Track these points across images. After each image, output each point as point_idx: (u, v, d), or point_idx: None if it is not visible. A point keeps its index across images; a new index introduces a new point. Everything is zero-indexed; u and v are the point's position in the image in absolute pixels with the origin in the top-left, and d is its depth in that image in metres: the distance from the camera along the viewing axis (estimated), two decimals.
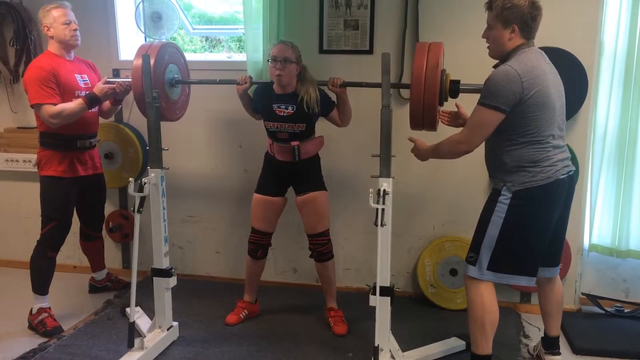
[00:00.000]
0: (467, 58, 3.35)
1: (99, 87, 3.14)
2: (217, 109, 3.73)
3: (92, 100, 3.11)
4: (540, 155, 2.38)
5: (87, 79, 3.27)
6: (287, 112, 3.05)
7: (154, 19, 3.61)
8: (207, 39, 4.31)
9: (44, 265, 3.21)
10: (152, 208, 2.94)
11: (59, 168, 3.18)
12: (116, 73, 3.80)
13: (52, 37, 3.14)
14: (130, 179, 2.78)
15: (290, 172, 3.16)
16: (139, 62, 2.88)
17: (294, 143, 3.08)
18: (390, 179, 2.64)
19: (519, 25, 2.37)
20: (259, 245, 3.23)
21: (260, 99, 3.15)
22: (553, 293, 2.76)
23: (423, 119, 2.60)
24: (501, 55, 2.45)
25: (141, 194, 2.77)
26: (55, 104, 3.03)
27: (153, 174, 2.89)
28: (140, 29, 3.69)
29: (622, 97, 3.25)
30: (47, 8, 3.13)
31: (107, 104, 3.33)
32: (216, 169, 3.82)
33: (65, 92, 3.11)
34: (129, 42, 3.89)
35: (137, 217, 2.77)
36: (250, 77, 3.11)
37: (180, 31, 4.18)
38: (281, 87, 3.04)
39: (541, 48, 3.16)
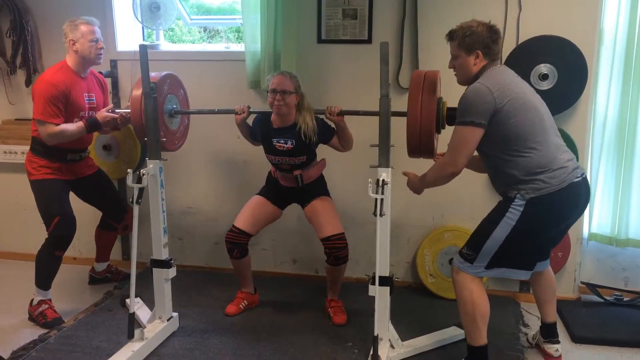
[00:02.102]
0: None
1: (102, 115, 3.16)
2: (215, 101, 3.72)
3: (93, 125, 3.15)
4: (547, 158, 2.37)
5: (93, 98, 3.28)
6: (286, 146, 3.05)
7: (151, 9, 3.60)
8: (205, 30, 4.29)
9: (50, 263, 3.20)
10: (151, 199, 2.93)
11: (49, 172, 3.20)
12: (114, 64, 3.78)
13: (75, 52, 3.13)
14: (128, 170, 2.78)
15: (294, 192, 3.20)
16: (138, 92, 2.89)
17: (297, 172, 3.11)
18: (389, 169, 2.63)
19: (482, 50, 2.44)
20: (234, 244, 3.17)
21: (260, 130, 3.15)
22: (545, 280, 2.77)
23: (420, 147, 2.60)
24: (469, 80, 2.50)
25: (140, 185, 2.76)
26: (58, 124, 3.05)
27: (151, 165, 2.88)
28: (137, 19, 3.67)
29: (621, 86, 3.24)
30: (76, 22, 3.12)
31: (106, 129, 3.35)
32: (215, 161, 3.82)
33: (71, 111, 3.14)
34: (127, 33, 3.87)
35: (136, 209, 2.77)
36: (248, 107, 3.09)
37: (178, 22, 4.16)
38: (280, 118, 3.03)
39: (541, 37, 3.19)
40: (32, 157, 3.21)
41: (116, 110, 3.23)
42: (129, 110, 2.99)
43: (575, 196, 2.43)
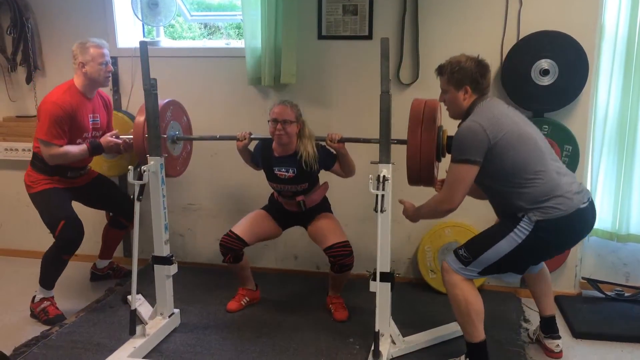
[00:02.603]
0: (468, 44, 3.33)
1: (106, 140, 3.20)
2: (216, 97, 3.72)
3: (96, 149, 3.18)
4: (549, 186, 2.37)
5: (98, 118, 3.29)
6: (288, 175, 3.06)
7: (150, 6, 3.59)
8: (205, 26, 4.28)
9: (56, 265, 3.20)
10: (152, 196, 2.94)
11: (47, 184, 3.21)
12: (114, 61, 3.77)
13: (84, 74, 3.14)
14: (129, 167, 2.78)
15: (298, 216, 3.22)
16: (141, 119, 2.91)
17: (299, 198, 3.12)
18: (390, 165, 2.63)
19: (470, 85, 2.47)
20: (228, 249, 3.13)
21: (261, 158, 3.16)
22: (542, 276, 2.79)
23: (420, 176, 2.62)
24: (461, 114, 2.53)
25: (141, 182, 2.77)
26: (61, 146, 3.08)
27: (152, 162, 2.89)
28: (137, 17, 3.67)
29: (622, 81, 3.24)
30: (86, 45, 3.13)
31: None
32: (215, 156, 3.82)
33: (75, 133, 3.15)
34: (127, 30, 3.86)
35: (137, 205, 2.77)
36: (250, 133, 3.09)
37: (179, 18, 4.15)
38: (281, 147, 3.04)
39: (542, 32, 3.19)
40: (32, 172, 3.23)
41: (120, 137, 3.26)
42: (132, 137, 3.02)
43: (583, 222, 2.46)
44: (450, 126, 2.69)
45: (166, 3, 3.60)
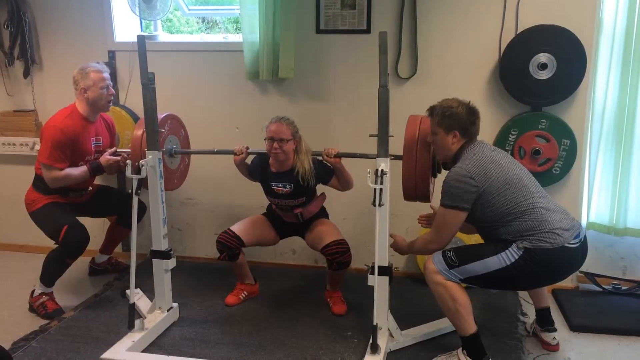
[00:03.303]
0: (466, 39, 3.34)
1: (105, 159, 3.20)
2: (214, 91, 3.71)
3: (96, 170, 3.20)
4: (537, 222, 2.40)
5: (100, 141, 3.30)
6: (285, 190, 3.07)
7: (146, 0, 3.58)
8: (203, 20, 4.27)
9: (58, 266, 3.20)
10: (150, 190, 2.94)
11: (48, 200, 3.21)
12: (111, 55, 3.77)
13: (86, 99, 3.14)
14: (127, 161, 2.78)
15: (296, 226, 3.24)
16: (139, 132, 2.92)
17: (297, 211, 3.14)
18: (388, 159, 2.64)
19: (459, 130, 2.52)
20: (225, 246, 3.13)
21: (258, 173, 3.17)
22: None
23: (416, 191, 2.66)
24: (448, 157, 2.58)
25: (139, 176, 2.77)
26: (62, 169, 3.09)
27: (150, 156, 2.88)
28: (134, 13, 3.66)
29: (620, 75, 3.24)
30: (86, 70, 3.13)
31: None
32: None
33: (77, 156, 3.17)
34: (125, 24, 3.85)
35: (135, 200, 2.77)
36: (247, 148, 3.08)
37: (176, 12, 4.15)
38: (278, 163, 3.04)
39: (540, 26, 3.18)
40: (32, 192, 3.25)
41: (117, 151, 3.27)
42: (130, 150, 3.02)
43: (569, 260, 2.48)
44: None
45: None
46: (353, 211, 3.63)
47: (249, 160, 3.19)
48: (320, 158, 3.02)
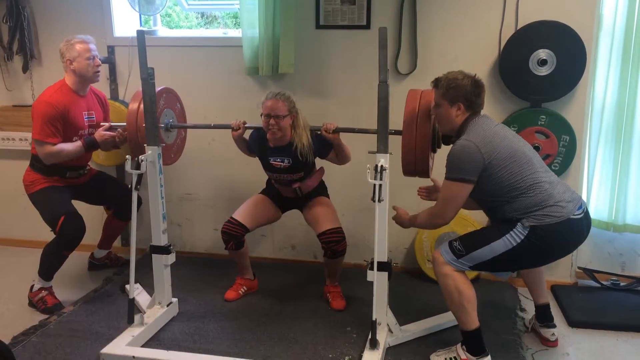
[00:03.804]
0: (466, 35, 3.33)
1: (100, 134, 3.17)
2: (213, 88, 3.71)
3: (91, 145, 3.16)
4: (541, 197, 2.40)
5: (93, 116, 3.28)
6: (283, 165, 3.06)
7: None
8: (202, 15, 4.27)
9: (55, 259, 3.21)
10: (150, 186, 2.93)
11: (46, 184, 3.21)
12: (111, 50, 3.76)
13: (73, 71, 3.13)
14: (127, 156, 2.78)
15: (295, 201, 3.23)
16: (135, 105, 2.90)
17: (295, 185, 3.13)
18: (388, 155, 2.63)
19: (464, 103, 2.48)
20: (231, 235, 3.14)
21: (256, 147, 3.16)
22: None
23: (415, 166, 2.63)
24: (452, 130, 2.55)
25: (138, 172, 2.77)
26: (55, 144, 3.06)
27: (150, 152, 2.88)
28: (134, 9, 3.66)
29: (620, 71, 3.24)
30: (71, 42, 3.11)
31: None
32: (213, 144, 3.81)
33: (70, 130, 3.14)
34: (124, 18, 3.84)
35: (134, 195, 2.77)
36: (244, 123, 3.07)
37: (176, 7, 4.14)
38: (275, 140, 3.03)
39: (540, 22, 3.18)
40: (30, 173, 3.23)
41: (112, 124, 3.25)
42: (124, 124, 3.01)
43: (575, 232, 2.48)
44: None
45: None
46: (352, 207, 3.63)
47: (246, 136, 3.18)
48: (318, 132, 3.01)
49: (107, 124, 3.29)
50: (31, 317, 3.12)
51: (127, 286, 2.81)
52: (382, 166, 2.56)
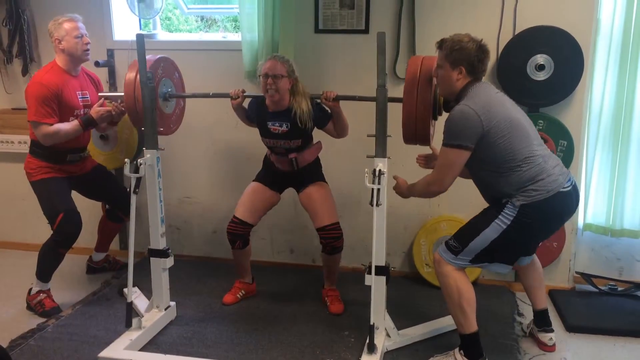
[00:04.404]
0: None
1: (96, 110, 3.16)
2: (212, 91, 3.71)
3: (88, 123, 3.14)
4: (535, 171, 2.39)
5: (87, 95, 3.26)
6: (281, 129, 3.04)
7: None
8: (202, 19, 4.27)
9: (52, 258, 3.21)
10: (148, 189, 2.94)
11: (48, 172, 3.19)
12: (110, 53, 3.77)
13: (62, 50, 3.12)
14: (126, 160, 2.78)
15: (290, 176, 3.19)
16: (132, 75, 2.88)
17: (292, 156, 3.09)
18: (386, 159, 2.64)
19: (466, 66, 2.44)
20: (236, 235, 3.16)
21: (255, 113, 3.14)
22: (534, 268, 2.82)
23: (416, 133, 2.60)
24: (451, 94, 2.52)
25: (137, 175, 2.77)
26: (52, 124, 3.05)
27: (149, 155, 2.89)
28: (134, 13, 3.67)
29: (617, 76, 3.25)
30: (59, 21, 3.11)
31: (103, 125, 3.34)
32: (212, 149, 3.82)
33: (65, 111, 3.12)
34: (123, 22, 3.85)
35: (133, 198, 2.77)
36: (243, 91, 3.07)
37: (175, 11, 4.15)
38: (274, 103, 3.01)
39: (538, 27, 3.19)
40: (31, 159, 3.22)
41: (105, 95, 3.22)
42: (122, 94, 2.99)
43: (565, 205, 2.47)
44: None
45: None
46: (350, 210, 3.63)
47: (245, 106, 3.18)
48: (318, 101, 3.01)
49: (101, 100, 3.23)
50: (29, 320, 3.12)
51: (125, 290, 2.80)
52: (380, 170, 2.56)
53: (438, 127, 2.76)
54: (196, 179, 3.88)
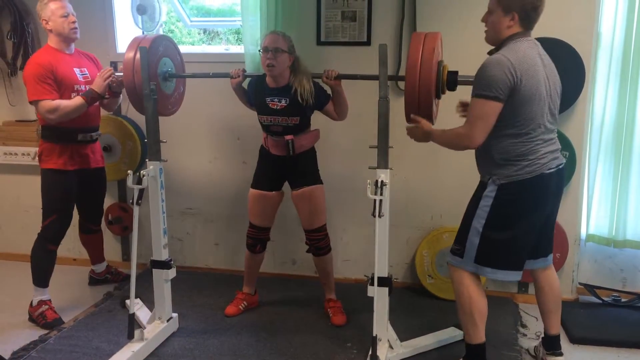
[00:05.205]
0: (466, 50, 3.34)
1: (97, 83, 3.14)
2: (215, 102, 3.73)
3: (91, 97, 3.12)
4: (527, 149, 2.36)
5: (87, 72, 3.25)
6: (280, 105, 3.02)
7: (143, 12, 3.64)
8: (205, 32, 4.30)
9: (44, 257, 3.22)
10: (151, 200, 2.94)
11: (59, 160, 3.17)
12: (114, 65, 3.79)
13: (50, 31, 3.12)
14: (129, 171, 2.79)
15: (286, 166, 3.14)
16: (130, 54, 2.89)
17: (288, 137, 3.05)
18: (388, 170, 2.64)
19: (520, 13, 2.32)
20: (257, 240, 3.22)
21: (254, 91, 3.13)
22: (551, 289, 2.72)
23: (419, 111, 2.56)
24: (497, 42, 2.42)
25: (140, 187, 2.78)
26: (53, 100, 3.03)
27: (151, 167, 2.90)
28: (138, 27, 3.70)
29: (619, 88, 3.26)
30: (45, 1, 3.11)
31: (106, 100, 3.33)
32: (214, 161, 3.83)
33: (64, 87, 3.11)
34: (127, 35, 3.88)
35: (136, 210, 2.78)
36: (244, 70, 3.09)
37: (178, 23, 4.18)
38: (273, 79, 3.00)
39: (538, 39, 3.16)
40: (44, 144, 3.20)
41: (101, 71, 3.19)
42: (121, 73, 2.99)
43: (544, 187, 2.42)
44: (451, 63, 2.62)
45: (151, 5, 3.65)
46: (353, 222, 3.63)
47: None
48: (318, 80, 3.01)
49: (99, 72, 3.20)
50: (31, 332, 3.12)
51: (128, 301, 2.80)
52: (382, 181, 2.56)
53: (442, 107, 2.75)
54: (198, 190, 3.89)
